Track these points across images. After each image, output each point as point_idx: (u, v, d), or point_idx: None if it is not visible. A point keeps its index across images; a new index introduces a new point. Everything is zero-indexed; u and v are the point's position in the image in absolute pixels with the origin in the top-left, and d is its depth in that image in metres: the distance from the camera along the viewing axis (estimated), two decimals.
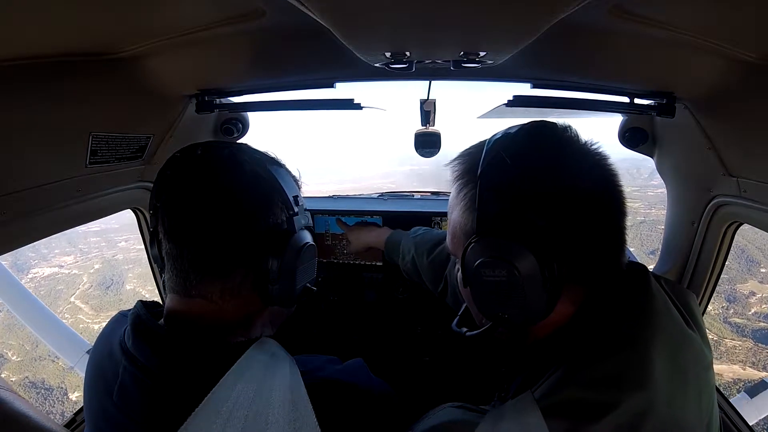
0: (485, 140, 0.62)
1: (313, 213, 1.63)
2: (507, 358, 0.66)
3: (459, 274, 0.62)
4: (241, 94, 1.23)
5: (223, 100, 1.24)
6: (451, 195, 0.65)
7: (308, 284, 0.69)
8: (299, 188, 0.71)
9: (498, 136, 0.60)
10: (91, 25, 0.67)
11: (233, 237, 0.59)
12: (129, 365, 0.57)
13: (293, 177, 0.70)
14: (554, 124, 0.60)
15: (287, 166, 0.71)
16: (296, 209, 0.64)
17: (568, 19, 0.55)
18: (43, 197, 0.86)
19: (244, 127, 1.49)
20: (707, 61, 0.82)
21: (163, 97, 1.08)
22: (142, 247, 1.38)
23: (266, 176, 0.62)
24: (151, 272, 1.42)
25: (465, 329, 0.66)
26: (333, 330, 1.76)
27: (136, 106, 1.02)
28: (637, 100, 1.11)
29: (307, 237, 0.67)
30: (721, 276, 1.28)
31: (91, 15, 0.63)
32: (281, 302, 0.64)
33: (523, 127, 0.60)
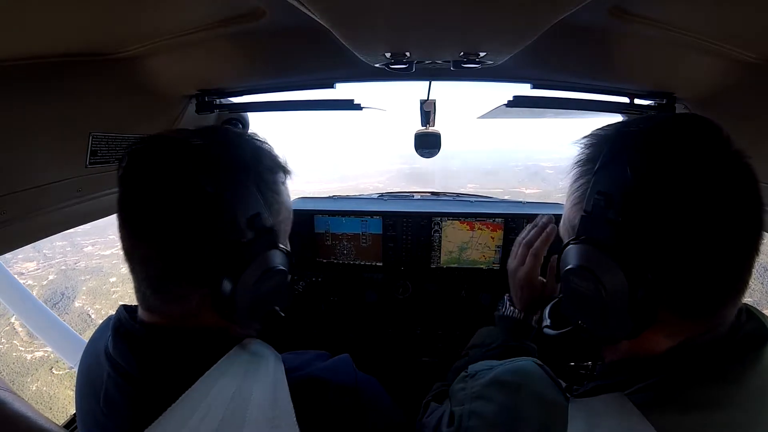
0: (624, 122, 0.54)
1: (313, 213, 1.63)
2: (582, 356, 0.64)
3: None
4: (241, 95, 1.23)
5: (223, 101, 1.25)
6: (571, 178, 0.58)
7: (277, 308, 0.62)
8: (276, 194, 0.61)
9: (630, 129, 0.50)
10: (91, 25, 0.67)
11: (179, 260, 0.53)
12: (112, 371, 0.56)
13: (262, 186, 0.58)
14: (706, 122, 0.48)
15: (263, 167, 0.60)
16: (250, 234, 0.54)
17: (568, 20, 0.55)
18: (43, 197, 0.86)
19: (244, 127, 1.49)
20: (707, 61, 0.82)
21: (163, 97, 1.08)
22: (107, 252, 1.35)
23: (219, 190, 0.52)
24: (101, 286, 1.39)
25: (546, 323, 0.62)
26: (333, 330, 1.76)
27: (136, 106, 1.02)
28: (637, 101, 1.12)
29: (274, 260, 0.58)
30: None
31: (91, 15, 0.63)
32: (242, 325, 0.59)
33: (663, 124, 0.49)
